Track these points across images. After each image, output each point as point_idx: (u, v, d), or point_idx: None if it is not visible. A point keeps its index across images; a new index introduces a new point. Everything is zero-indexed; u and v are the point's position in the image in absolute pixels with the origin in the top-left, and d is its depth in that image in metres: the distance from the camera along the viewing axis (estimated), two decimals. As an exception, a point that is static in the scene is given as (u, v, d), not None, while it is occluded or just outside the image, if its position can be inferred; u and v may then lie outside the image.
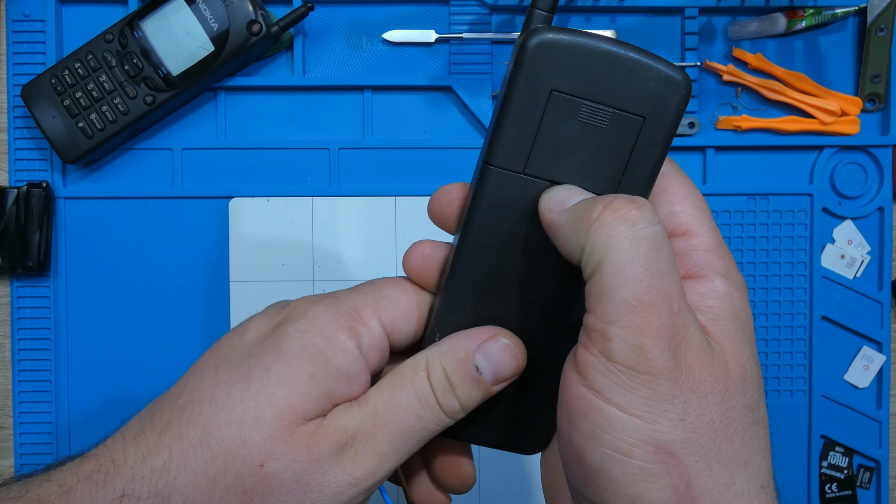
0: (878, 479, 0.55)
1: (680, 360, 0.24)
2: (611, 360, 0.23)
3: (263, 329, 0.28)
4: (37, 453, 0.53)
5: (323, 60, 0.54)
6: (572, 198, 0.25)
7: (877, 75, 0.54)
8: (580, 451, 0.24)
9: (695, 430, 0.24)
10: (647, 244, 0.23)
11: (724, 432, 0.24)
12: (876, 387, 0.55)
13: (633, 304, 0.23)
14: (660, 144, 0.26)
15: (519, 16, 0.54)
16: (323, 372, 0.27)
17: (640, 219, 0.24)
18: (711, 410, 0.24)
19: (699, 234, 0.27)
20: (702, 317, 0.26)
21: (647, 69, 0.26)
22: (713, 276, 0.26)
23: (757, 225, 0.55)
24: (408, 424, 0.27)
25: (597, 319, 0.24)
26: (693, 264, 0.27)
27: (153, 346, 0.53)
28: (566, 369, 0.25)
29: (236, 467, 0.26)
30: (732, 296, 0.26)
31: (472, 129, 0.54)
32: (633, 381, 0.23)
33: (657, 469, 0.23)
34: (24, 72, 0.53)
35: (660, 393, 0.23)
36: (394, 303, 0.29)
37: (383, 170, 0.54)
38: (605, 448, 0.24)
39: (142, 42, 0.50)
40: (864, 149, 0.55)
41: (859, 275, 0.55)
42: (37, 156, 0.53)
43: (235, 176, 0.54)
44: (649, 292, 0.23)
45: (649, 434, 0.23)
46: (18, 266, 0.51)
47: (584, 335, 0.24)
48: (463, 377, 0.28)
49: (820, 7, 0.53)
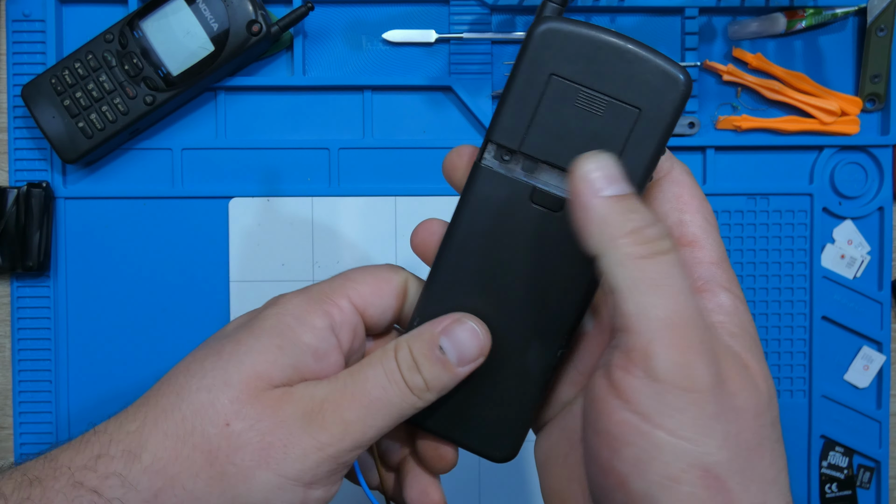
0: (878, 479, 0.55)
1: (720, 375, 0.24)
2: (657, 379, 0.23)
3: (241, 320, 0.31)
4: (37, 453, 0.53)
5: (323, 60, 0.54)
6: (611, 184, 0.25)
7: (877, 75, 0.54)
8: (624, 478, 0.24)
9: (736, 449, 0.23)
10: (669, 263, 0.24)
11: (756, 451, 0.24)
12: (876, 387, 0.55)
13: (674, 321, 0.23)
14: (654, 139, 0.27)
15: (519, 16, 0.54)
16: (290, 345, 0.28)
17: (658, 235, 0.24)
18: (746, 428, 0.24)
19: (705, 247, 0.27)
20: (719, 332, 0.26)
21: (646, 62, 0.26)
22: (719, 291, 0.26)
23: (757, 225, 0.55)
24: (374, 396, 0.28)
25: (638, 338, 0.23)
26: (698, 277, 0.27)
27: (153, 345, 0.53)
28: (601, 396, 0.25)
29: (203, 426, 0.27)
30: (739, 310, 0.26)
31: (472, 129, 0.54)
32: (680, 400, 0.23)
33: (704, 494, 0.23)
34: (24, 72, 0.53)
35: (707, 412, 0.23)
36: (363, 283, 0.30)
37: (383, 170, 0.54)
38: (653, 475, 0.23)
39: (142, 42, 0.50)
40: (864, 149, 0.55)
41: (859, 275, 0.55)
42: (37, 156, 0.53)
43: (235, 176, 0.54)
44: (686, 308, 0.23)
45: (698, 458, 0.23)
46: (18, 266, 0.51)
47: (622, 357, 0.24)
48: (427, 356, 0.29)
49: (820, 7, 0.53)
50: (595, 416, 0.25)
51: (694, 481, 0.23)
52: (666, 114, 0.26)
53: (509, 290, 0.29)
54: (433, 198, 0.54)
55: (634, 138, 0.27)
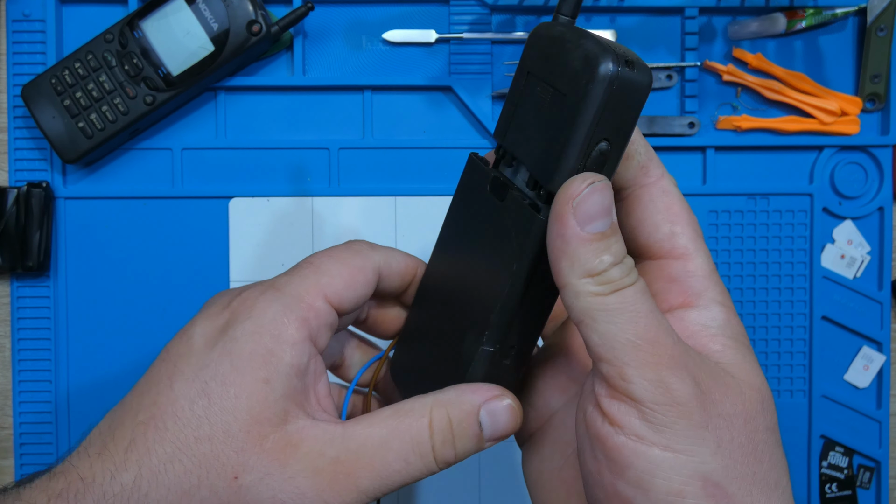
0: (878, 479, 0.55)
1: (699, 385, 0.24)
2: (639, 401, 0.24)
3: (209, 333, 0.28)
4: (37, 453, 0.53)
5: (323, 60, 0.54)
6: (591, 221, 0.24)
7: (877, 75, 0.54)
8: (630, 500, 0.24)
9: (731, 455, 0.24)
10: (630, 292, 0.24)
11: (753, 455, 0.24)
12: (876, 387, 0.55)
13: (639, 343, 0.24)
14: (574, 125, 0.25)
15: (519, 16, 0.54)
16: (275, 374, 0.27)
17: (620, 275, 0.24)
18: (739, 434, 0.24)
19: (696, 259, 0.27)
20: (711, 345, 0.26)
21: (576, 48, 0.25)
22: (711, 304, 0.27)
23: (757, 225, 0.55)
24: (394, 469, 0.27)
25: (610, 366, 0.24)
26: (691, 291, 0.27)
27: (153, 346, 0.53)
28: (593, 423, 0.25)
29: (211, 480, 0.26)
30: (732, 322, 0.27)
31: (472, 129, 0.54)
32: (667, 416, 0.23)
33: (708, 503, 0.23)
34: (24, 72, 0.53)
35: (695, 421, 0.24)
36: (336, 276, 0.29)
37: (383, 170, 0.54)
38: (657, 493, 0.24)
39: (142, 42, 0.50)
40: (864, 149, 0.55)
41: (859, 275, 0.55)
42: (37, 156, 0.53)
43: (235, 176, 0.54)
44: (649, 329, 0.24)
45: (695, 468, 0.23)
46: (18, 266, 0.51)
47: (604, 386, 0.25)
48: (466, 432, 0.28)
49: (820, 7, 0.53)
50: (591, 443, 0.25)
51: (697, 492, 0.23)
52: (581, 97, 0.24)
53: (458, 278, 0.30)
54: (433, 198, 0.54)
55: (563, 125, 0.25)
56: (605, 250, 0.24)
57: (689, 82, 0.54)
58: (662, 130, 0.54)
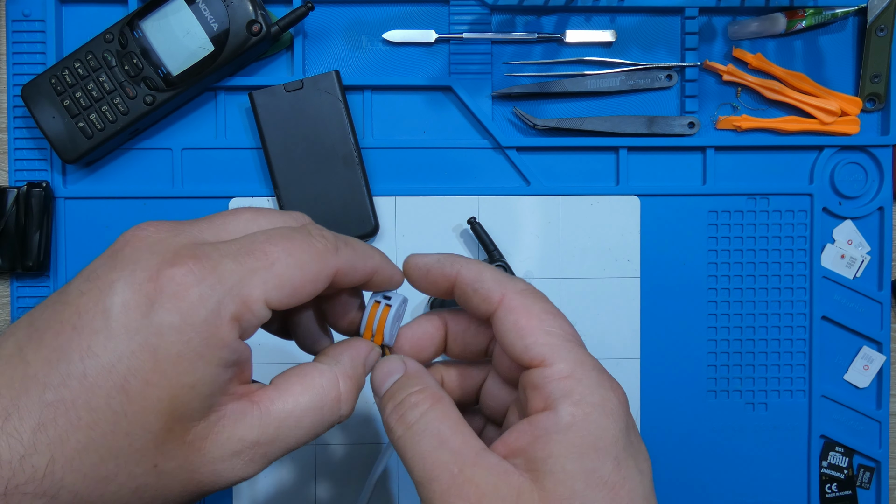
0: (878, 479, 0.55)
1: (517, 489, 0.27)
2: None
3: (131, 309, 0.25)
4: None
5: (323, 60, 0.54)
6: (384, 381, 0.33)
7: (877, 75, 0.54)
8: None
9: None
10: (425, 420, 0.29)
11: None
12: (876, 387, 0.55)
13: (419, 482, 0.28)
14: None
15: (519, 16, 0.54)
16: (202, 379, 0.26)
17: (411, 406, 0.30)
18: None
19: (552, 363, 0.29)
20: (539, 453, 0.28)
21: None
22: (561, 407, 0.28)
23: (757, 225, 0.55)
24: (302, 441, 0.30)
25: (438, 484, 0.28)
26: (548, 396, 0.29)
27: (153, 346, 0.53)
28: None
29: (129, 468, 0.26)
30: (577, 424, 0.28)
31: (472, 129, 0.54)
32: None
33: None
34: (24, 72, 0.53)
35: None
36: (286, 280, 0.28)
37: (383, 170, 0.54)
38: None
39: (142, 42, 0.50)
40: (864, 149, 0.55)
41: (859, 275, 0.55)
42: (37, 156, 0.53)
43: (235, 176, 0.54)
44: (423, 470, 0.28)
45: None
46: (18, 266, 0.51)
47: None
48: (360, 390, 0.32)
49: (820, 7, 0.53)
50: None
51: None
52: None
53: None
54: (433, 198, 0.54)
55: None
56: (401, 388, 0.31)
57: (689, 82, 0.54)
58: (662, 130, 0.54)
